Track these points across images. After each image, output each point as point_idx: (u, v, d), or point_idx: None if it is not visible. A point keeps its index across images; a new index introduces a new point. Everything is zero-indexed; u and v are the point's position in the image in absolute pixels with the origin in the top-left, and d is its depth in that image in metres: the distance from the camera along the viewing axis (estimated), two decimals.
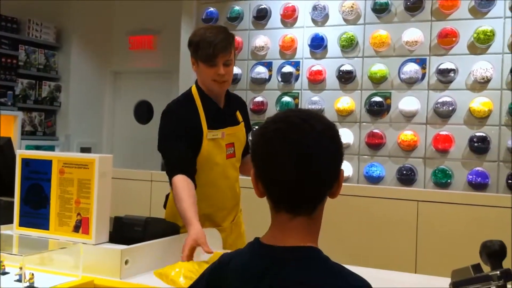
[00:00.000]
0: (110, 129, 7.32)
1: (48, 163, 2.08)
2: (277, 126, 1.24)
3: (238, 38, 5.77)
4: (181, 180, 2.37)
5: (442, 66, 4.91)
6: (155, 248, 2.12)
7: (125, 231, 2.16)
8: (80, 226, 2.04)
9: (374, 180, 5.14)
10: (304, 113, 1.27)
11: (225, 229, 2.70)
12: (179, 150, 2.46)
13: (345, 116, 5.30)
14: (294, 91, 5.53)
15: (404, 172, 5.03)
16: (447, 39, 4.91)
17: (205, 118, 2.55)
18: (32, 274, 1.78)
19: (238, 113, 2.76)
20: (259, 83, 5.68)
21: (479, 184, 4.73)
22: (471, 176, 4.79)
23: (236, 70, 5.76)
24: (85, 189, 2.04)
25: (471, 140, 4.79)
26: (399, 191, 4.55)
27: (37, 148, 6.41)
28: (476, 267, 1.64)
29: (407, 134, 5.04)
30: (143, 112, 7.10)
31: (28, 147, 6.21)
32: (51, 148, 6.61)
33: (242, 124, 2.76)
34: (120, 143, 7.25)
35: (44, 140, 6.77)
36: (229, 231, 2.74)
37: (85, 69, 7.07)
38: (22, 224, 2.16)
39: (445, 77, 4.90)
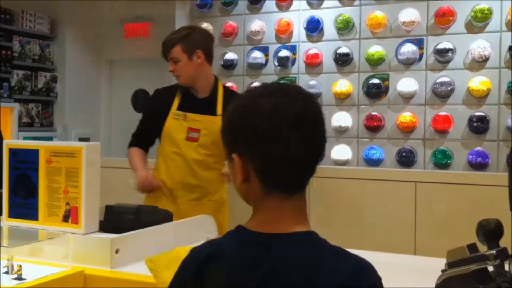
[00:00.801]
0: (107, 119, 7.29)
1: (35, 153, 2.05)
2: (273, 100, 1.16)
3: (233, 23, 5.71)
4: (134, 149, 3.06)
5: (439, 46, 4.86)
6: (147, 236, 2.09)
7: (117, 219, 2.13)
8: (69, 215, 2.01)
9: (374, 163, 5.10)
10: (292, 85, 1.24)
11: (180, 203, 3.00)
12: (143, 128, 3.09)
13: (343, 99, 5.25)
14: (291, 75, 5.48)
15: (404, 154, 4.99)
16: (444, 19, 4.85)
17: (178, 101, 3.00)
18: (20, 266, 1.75)
19: (220, 106, 3.01)
20: (256, 68, 5.62)
21: (479, 164, 4.69)
22: (471, 156, 4.75)
23: (232, 55, 5.71)
24: (73, 178, 2.01)
25: (470, 120, 4.75)
26: (398, 173, 4.53)
27: (35, 139, 6.38)
28: (472, 247, 1.60)
29: (405, 116, 5.00)
30: (140, 100, 7.06)
31: (26, 139, 6.18)
32: (49, 139, 6.59)
33: (219, 117, 2.96)
34: (118, 132, 7.21)
35: (42, 132, 6.75)
36: (187, 209, 2.92)
37: (81, 59, 7.02)
38: (11, 215, 2.13)
39: (443, 57, 4.85)
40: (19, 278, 1.74)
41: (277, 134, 1.14)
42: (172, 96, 3.01)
